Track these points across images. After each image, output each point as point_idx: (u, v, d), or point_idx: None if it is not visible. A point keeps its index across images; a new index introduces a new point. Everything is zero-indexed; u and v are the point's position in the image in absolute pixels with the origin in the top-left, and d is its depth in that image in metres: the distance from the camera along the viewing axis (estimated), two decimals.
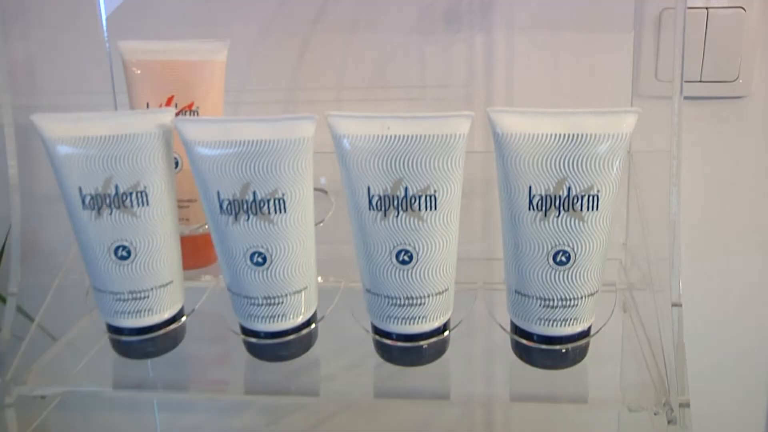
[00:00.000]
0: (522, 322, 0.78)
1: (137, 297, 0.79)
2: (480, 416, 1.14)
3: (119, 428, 1.22)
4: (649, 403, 0.76)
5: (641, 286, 0.86)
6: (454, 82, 1.04)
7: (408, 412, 1.16)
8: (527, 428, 1.14)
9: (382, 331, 0.79)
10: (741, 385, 1.09)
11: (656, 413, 0.76)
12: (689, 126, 0.79)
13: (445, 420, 1.16)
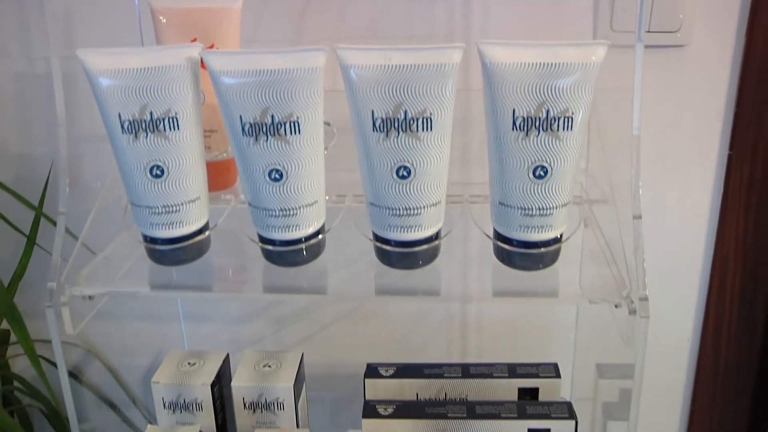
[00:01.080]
0: (504, 230, 0.76)
1: (170, 211, 0.78)
2: (460, 312, 1.12)
3: (151, 337, 1.20)
4: (612, 297, 0.74)
5: (604, 201, 0.84)
6: (437, 34, 1.02)
7: (396, 321, 1.14)
8: (500, 323, 1.12)
9: (383, 239, 0.77)
10: (676, 285, 1.08)
11: (617, 306, 0.75)
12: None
13: (430, 324, 1.14)
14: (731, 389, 1.15)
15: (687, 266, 1.08)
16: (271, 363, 0.97)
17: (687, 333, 1.13)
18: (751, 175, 1.03)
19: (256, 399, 0.94)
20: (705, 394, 1.16)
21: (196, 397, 0.95)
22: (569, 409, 0.92)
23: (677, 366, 1.15)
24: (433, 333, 1.15)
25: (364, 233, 0.79)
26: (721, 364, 1.14)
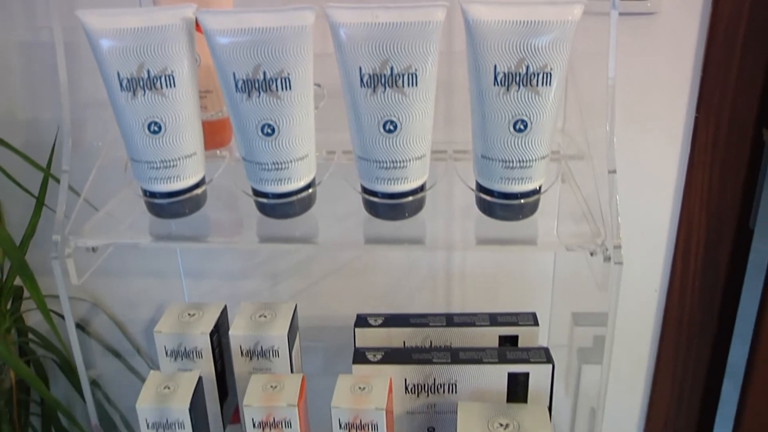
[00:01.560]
0: (485, 182, 0.75)
1: (167, 165, 0.75)
2: (445, 266, 1.11)
3: (154, 292, 1.18)
4: (588, 245, 0.73)
5: (580, 157, 0.82)
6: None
7: (385, 274, 1.12)
8: (482, 276, 1.11)
9: (371, 191, 0.75)
10: (646, 239, 1.07)
11: (593, 253, 0.73)
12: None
13: (416, 277, 1.12)
14: (694, 337, 1.15)
15: (656, 222, 1.07)
16: (266, 313, 0.95)
17: (655, 285, 1.11)
18: (716, 137, 1.01)
19: (253, 347, 0.92)
20: (671, 341, 1.15)
21: (196, 345, 0.93)
22: (547, 354, 0.91)
23: (646, 316, 1.13)
24: (420, 286, 1.13)
25: (353, 186, 0.76)
26: (686, 314, 1.13)
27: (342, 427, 0.83)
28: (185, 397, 0.85)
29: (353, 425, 0.82)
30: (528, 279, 1.10)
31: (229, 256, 1.13)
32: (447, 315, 0.99)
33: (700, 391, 1.19)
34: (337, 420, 0.83)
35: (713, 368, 1.18)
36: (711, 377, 1.18)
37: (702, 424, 1.23)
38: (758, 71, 0.97)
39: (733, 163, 1.03)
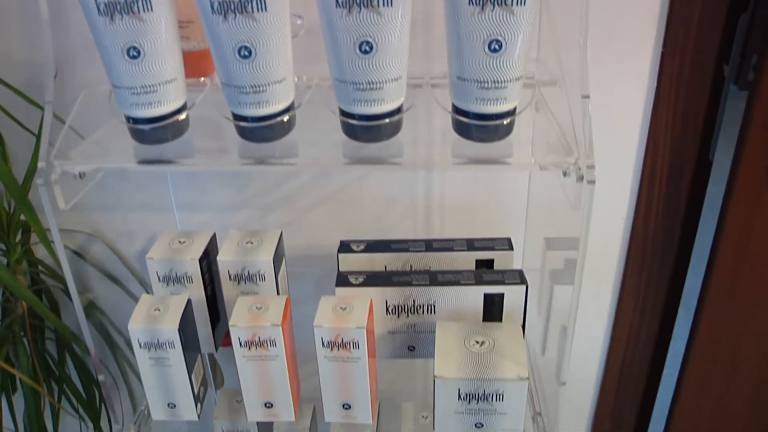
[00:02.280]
0: (461, 103, 0.67)
1: (148, 91, 0.68)
2: (424, 197, 1.04)
3: (147, 225, 1.11)
4: (562, 164, 0.66)
5: (553, 83, 0.75)
6: None
7: (368, 206, 1.05)
8: (460, 205, 1.04)
9: (348, 113, 0.67)
10: (614, 168, 1.00)
11: (566, 173, 0.66)
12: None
13: (397, 208, 1.06)
14: (656, 259, 1.10)
15: (622, 153, 1.01)
16: (253, 240, 0.88)
17: (622, 212, 1.05)
18: (680, 72, 0.95)
19: (240, 271, 0.86)
20: (635, 264, 1.10)
21: (186, 270, 0.87)
22: (521, 276, 0.85)
23: (613, 241, 1.08)
24: (401, 215, 1.07)
25: (332, 110, 0.69)
26: (650, 239, 1.08)
27: (324, 346, 0.77)
28: (174, 318, 0.79)
29: (335, 343, 0.76)
30: (503, 207, 1.04)
31: (220, 189, 1.06)
32: (426, 241, 0.93)
33: (661, 309, 1.15)
34: (320, 339, 0.77)
35: (672, 290, 1.13)
36: (670, 298, 1.14)
37: (660, 340, 1.18)
38: (720, 10, 0.91)
39: (695, 98, 0.97)
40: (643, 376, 1.22)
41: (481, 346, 0.79)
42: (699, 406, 1.23)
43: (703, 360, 1.17)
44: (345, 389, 0.80)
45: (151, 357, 0.81)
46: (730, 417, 1.24)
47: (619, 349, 1.18)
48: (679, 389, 1.21)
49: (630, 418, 1.27)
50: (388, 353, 0.88)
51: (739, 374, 1.19)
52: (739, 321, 1.13)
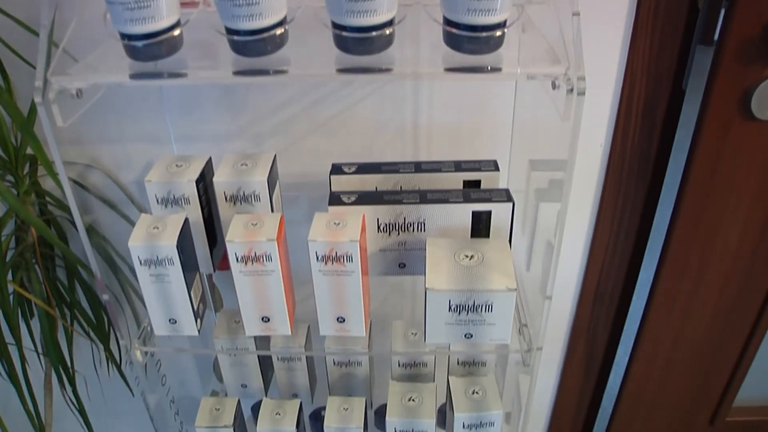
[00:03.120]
0: (452, 15, 0.63)
1: (142, 6, 0.62)
2: (413, 123, 0.99)
3: (146, 155, 1.06)
4: (551, 74, 0.62)
5: (541, 2, 0.70)
6: None
7: (360, 132, 1.00)
8: (448, 130, 0.99)
9: (341, 26, 0.62)
10: (593, 96, 0.96)
11: (555, 85, 0.61)
12: None
13: (388, 132, 1.01)
14: (632, 184, 1.07)
15: (601, 81, 0.96)
16: (247, 162, 0.84)
17: (600, 140, 1.01)
18: (657, 5, 0.90)
19: (236, 192, 0.81)
20: (612, 188, 1.06)
21: (183, 192, 0.82)
22: (507, 194, 0.81)
23: (591, 166, 1.04)
24: (391, 140, 1.02)
25: (324, 23, 0.64)
26: (626, 165, 1.04)
27: (319, 260, 0.73)
28: (173, 235, 0.75)
29: (329, 257, 0.72)
30: (489, 130, 1.00)
31: (216, 118, 1.01)
32: (416, 163, 0.88)
33: (635, 232, 1.12)
34: (314, 253, 0.73)
35: (646, 213, 1.10)
36: (644, 222, 1.10)
37: (633, 262, 1.15)
38: None
39: (671, 29, 0.93)
40: (617, 294, 1.20)
41: (471, 260, 0.75)
42: (666, 323, 1.21)
43: (671, 280, 1.15)
44: (339, 303, 0.76)
45: (152, 274, 0.77)
46: (694, 330, 1.23)
47: (594, 270, 1.15)
48: (649, 307, 1.19)
49: (603, 334, 1.25)
50: (380, 270, 0.84)
51: (703, 291, 1.17)
52: (706, 243, 1.11)
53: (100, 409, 1.52)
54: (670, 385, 1.31)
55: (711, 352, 1.26)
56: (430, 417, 0.87)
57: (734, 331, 1.24)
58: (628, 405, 1.34)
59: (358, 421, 0.89)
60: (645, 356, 1.26)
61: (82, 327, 1.21)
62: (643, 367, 1.27)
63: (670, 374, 1.29)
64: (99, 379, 1.42)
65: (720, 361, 1.28)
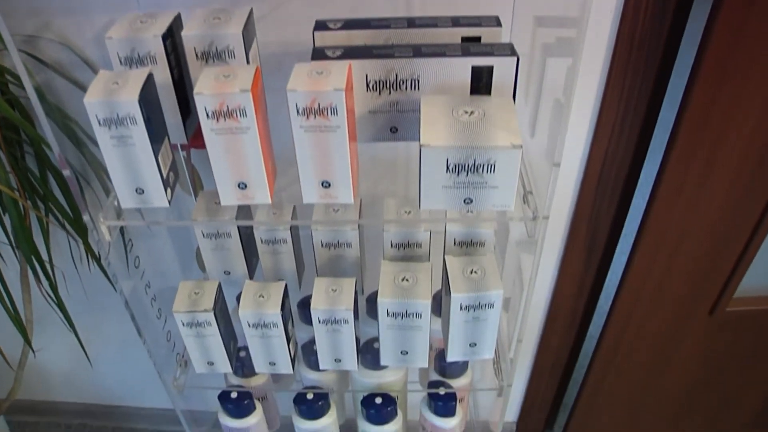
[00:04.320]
0: None
1: None
2: None
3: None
4: None
5: None
6: None
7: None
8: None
9: None
10: None
11: None
12: None
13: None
14: (642, 57, 0.95)
15: None
16: (220, 16, 0.72)
17: (610, 6, 0.89)
18: None
19: (207, 48, 0.71)
20: (622, 60, 0.94)
21: (149, 50, 0.72)
22: (511, 48, 0.71)
23: (599, 39, 0.91)
24: (381, 3, 0.89)
25: None
26: (638, 36, 0.93)
27: (299, 114, 0.63)
28: (134, 90, 0.64)
29: (311, 110, 0.62)
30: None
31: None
32: (408, 18, 0.77)
33: (643, 112, 1.01)
34: (294, 105, 0.62)
35: (656, 91, 0.99)
36: (653, 99, 1.00)
37: (640, 144, 1.05)
38: None
39: None
40: (622, 179, 1.10)
41: (471, 116, 0.66)
42: (671, 212, 1.12)
43: (680, 166, 1.06)
44: (323, 165, 0.67)
45: (113, 136, 0.66)
46: (700, 220, 1.14)
47: (599, 152, 1.06)
48: (655, 195, 1.10)
49: (606, 220, 1.16)
50: (369, 136, 0.74)
51: (713, 180, 1.08)
52: (719, 128, 1.01)
53: (83, 307, 1.46)
54: (672, 276, 1.24)
55: (716, 243, 1.18)
56: (425, 298, 0.79)
57: (742, 221, 1.16)
58: (628, 294, 1.27)
59: (347, 302, 0.81)
60: (648, 246, 1.18)
61: (57, 219, 1.12)
62: (646, 258, 1.20)
63: (672, 265, 1.22)
64: (80, 277, 1.35)
65: (724, 252, 1.21)
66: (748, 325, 1.38)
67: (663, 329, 1.37)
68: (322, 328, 0.83)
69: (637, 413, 1.64)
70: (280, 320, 0.81)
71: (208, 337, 0.85)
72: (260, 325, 0.82)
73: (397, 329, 0.82)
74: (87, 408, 1.84)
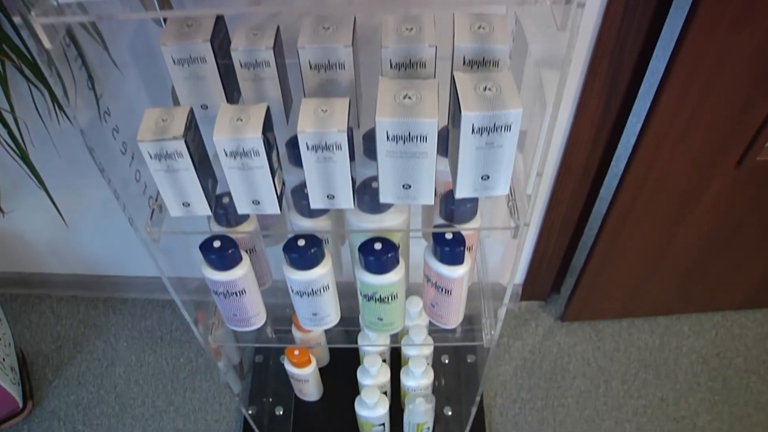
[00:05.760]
0: None
1: None
2: None
3: None
4: None
5: None
6: None
7: None
8: None
9: None
10: None
11: None
12: None
13: None
14: None
15: None
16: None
17: None
18: None
19: None
20: None
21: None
22: None
23: None
24: None
25: None
26: None
27: None
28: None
29: None
30: None
31: None
32: None
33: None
34: None
35: None
36: None
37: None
38: None
39: None
40: (650, 11, 0.95)
41: None
42: (707, 44, 0.97)
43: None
44: None
45: None
46: (736, 56, 1.00)
47: None
48: (689, 24, 0.95)
49: (629, 60, 1.03)
50: None
51: (756, 12, 0.93)
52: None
53: (59, 171, 1.35)
54: (699, 123, 1.11)
55: (751, 83, 1.04)
56: (431, 116, 0.66)
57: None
58: (651, 141, 1.14)
59: (340, 123, 0.68)
60: (675, 88, 1.04)
61: (14, 64, 0.98)
62: (673, 101, 1.06)
63: (700, 109, 1.08)
64: (49, 133, 1.22)
65: (760, 93, 1.06)
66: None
67: (683, 183, 1.25)
68: (311, 156, 0.70)
69: (647, 278, 1.55)
70: (261, 146, 0.69)
71: (180, 172, 0.73)
72: (239, 154, 0.70)
73: (399, 157, 0.70)
74: (77, 279, 1.76)
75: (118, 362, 1.68)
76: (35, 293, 1.82)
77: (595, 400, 1.58)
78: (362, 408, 1.31)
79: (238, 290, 0.90)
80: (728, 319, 1.72)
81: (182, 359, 1.69)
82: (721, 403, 1.57)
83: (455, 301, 0.91)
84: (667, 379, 1.62)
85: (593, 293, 1.58)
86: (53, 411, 1.59)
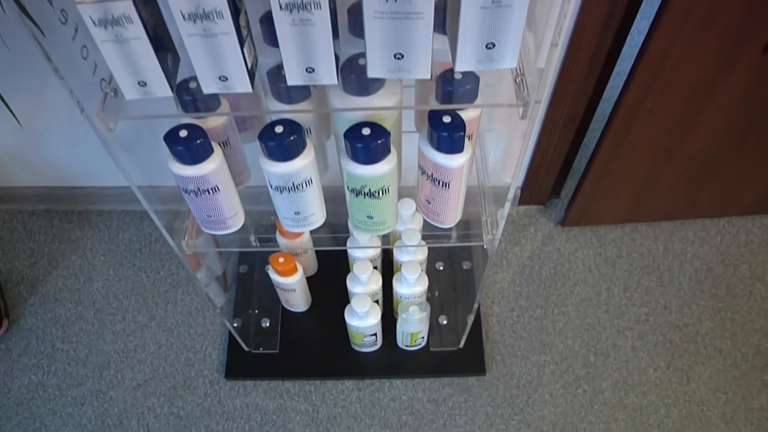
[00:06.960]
0: None
1: None
2: None
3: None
4: None
5: None
6: None
7: None
8: None
9: None
10: None
11: None
12: None
13: None
14: None
15: None
16: None
17: None
18: None
19: None
20: None
21: None
22: None
23: None
24: None
25: None
26: None
27: None
28: None
29: None
30: None
31: None
32: None
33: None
34: None
35: None
36: None
37: None
38: None
39: None
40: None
41: None
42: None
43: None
44: None
45: None
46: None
47: None
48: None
49: None
50: None
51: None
52: None
53: (6, 65, 1.22)
54: (724, 3, 0.99)
55: None
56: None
57: None
58: (668, 25, 1.02)
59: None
60: None
61: None
62: None
63: None
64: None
65: None
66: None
67: (701, 74, 1.14)
68: (285, 19, 0.59)
69: (653, 182, 1.46)
70: (225, 6, 0.57)
71: (131, 42, 0.61)
72: (199, 16, 0.59)
73: (390, 20, 0.59)
74: (48, 192, 1.66)
75: (95, 277, 1.60)
76: (4, 208, 1.72)
77: (596, 308, 1.52)
78: (353, 317, 1.24)
79: (210, 187, 0.80)
80: (734, 224, 1.65)
81: (162, 272, 1.60)
82: (725, 310, 1.52)
83: (453, 196, 0.82)
84: (671, 286, 1.56)
85: (595, 197, 1.49)
86: (30, 329, 1.52)
